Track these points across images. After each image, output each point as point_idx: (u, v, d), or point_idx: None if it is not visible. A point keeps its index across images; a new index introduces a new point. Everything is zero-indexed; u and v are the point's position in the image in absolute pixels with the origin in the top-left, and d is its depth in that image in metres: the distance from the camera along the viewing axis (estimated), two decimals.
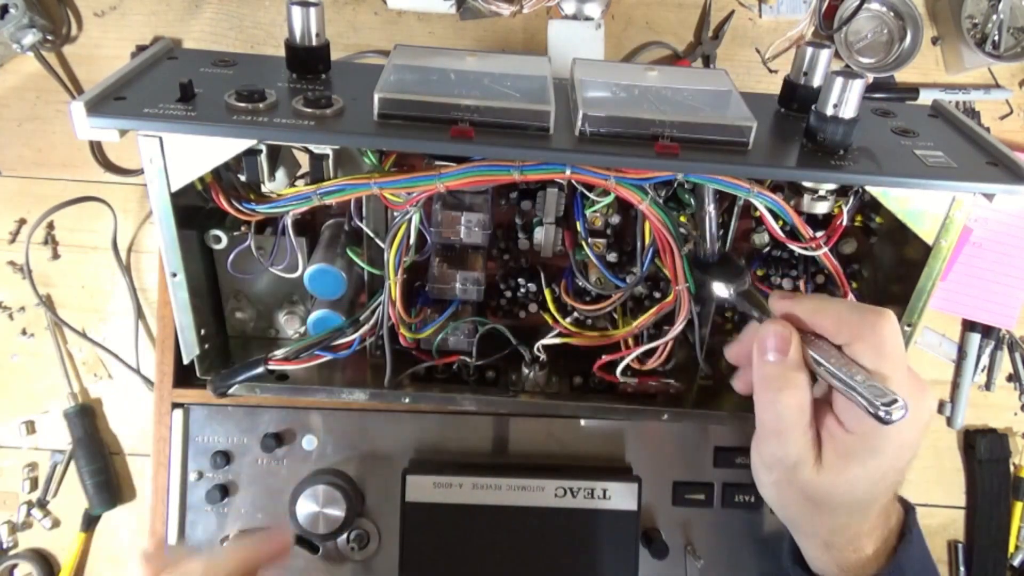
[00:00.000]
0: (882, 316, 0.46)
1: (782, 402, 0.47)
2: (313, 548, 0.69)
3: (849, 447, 0.46)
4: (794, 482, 0.48)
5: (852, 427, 0.46)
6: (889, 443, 0.46)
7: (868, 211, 0.62)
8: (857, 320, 0.46)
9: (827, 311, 0.47)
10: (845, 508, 0.49)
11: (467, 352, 0.66)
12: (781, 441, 0.47)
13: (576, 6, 0.79)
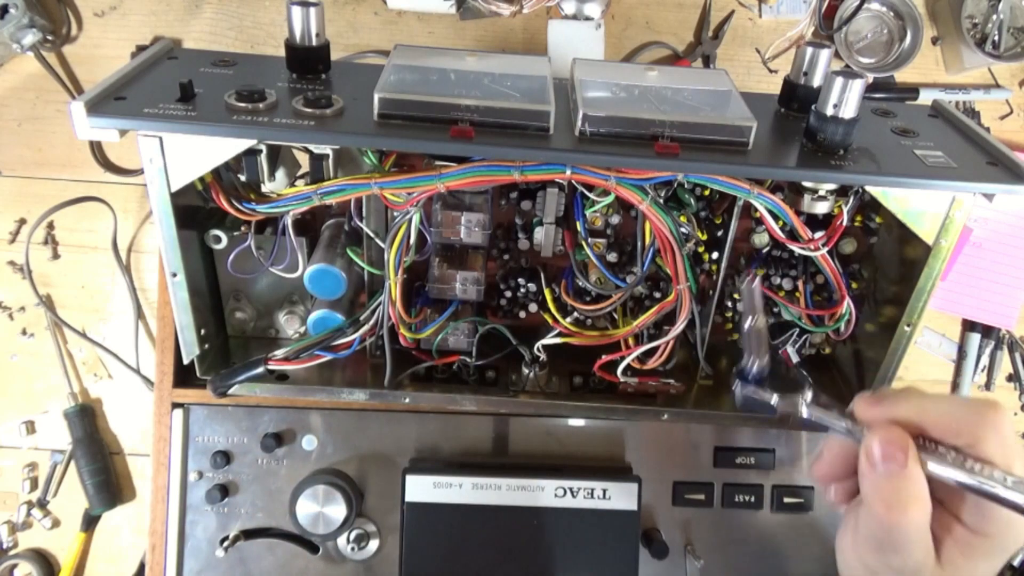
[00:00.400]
0: (998, 411, 0.42)
1: (907, 519, 0.42)
2: (313, 548, 0.69)
3: (977, 547, 0.43)
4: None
5: (982, 528, 0.43)
6: (1009, 545, 0.43)
7: (868, 211, 0.62)
8: (975, 419, 0.42)
9: (936, 411, 0.43)
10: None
11: (467, 352, 0.66)
12: (901, 555, 0.43)
13: (576, 6, 0.79)
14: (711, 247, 0.62)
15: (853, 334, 0.62)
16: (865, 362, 0.63)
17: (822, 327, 0.63)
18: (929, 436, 0.43)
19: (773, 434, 0.71)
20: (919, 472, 0.42)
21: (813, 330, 0.65)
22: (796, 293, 0.64)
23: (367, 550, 0.70)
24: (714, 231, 0.61)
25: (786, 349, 0.65)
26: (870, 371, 0.62)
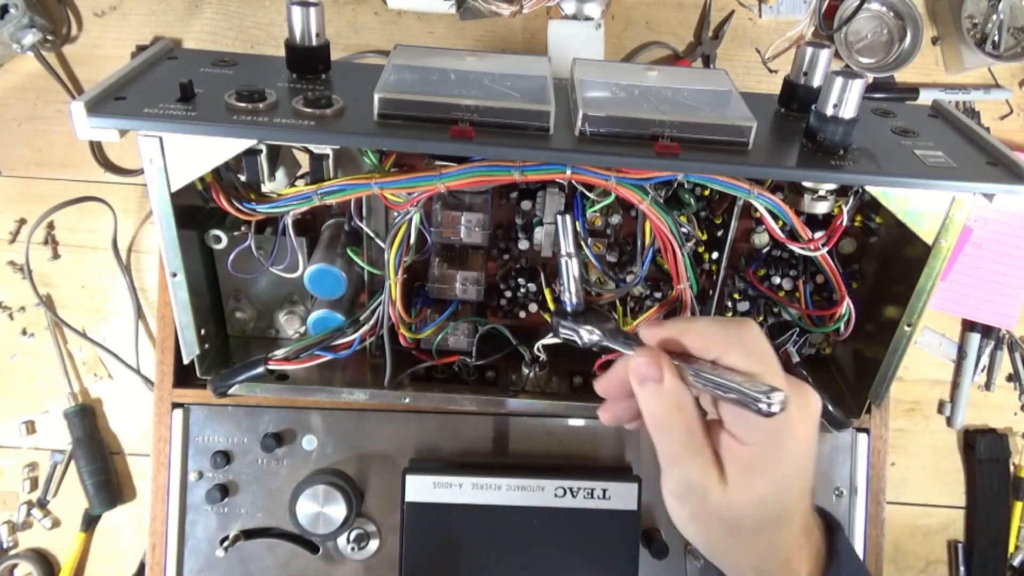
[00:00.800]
0: (743, 325, 0.46)
1: (671, 427, 0.46)
2: (313, 548, 0.70)
3: (749, 460, 0.45)
4: (708, 510, 0.47)
5: (747, 438, 0.45)
6: (786, 447, 0.45)
7: (868, 211, 0.62)
8: (721, 333, 0.46)
9: (691, 331, 0.47)
10: (764, 527, 0.48)
11: (467, 352, 0.66)
12: (682, 468, 0.46)
13: (576, 6, 0.79)
14: (711, 247, 0.62)
15: (853, 334, 0.62)
16: (865, 362, 0.63)
17: (822, 327, 0.63)
18: (690, 355, 0.46)
19: None
20: (676, 385, 0.45)
21: (813, 330, 0.65)
22: (796, 293, 0.64)
23: (367, 550, 0.70)
24: (714, 231, 0.61)
25: (786, 349, 0.65)
26: (870, 371, 0.62)
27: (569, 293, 0.53)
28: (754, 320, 0.47)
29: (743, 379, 0.43)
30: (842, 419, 0.63)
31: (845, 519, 0.72)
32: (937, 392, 0.89)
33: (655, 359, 0.46)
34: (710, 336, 0.46)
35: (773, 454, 0.45)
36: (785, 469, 0.46)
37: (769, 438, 0.45)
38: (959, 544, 0.90)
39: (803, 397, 0.47)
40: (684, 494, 0.47)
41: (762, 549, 0.48)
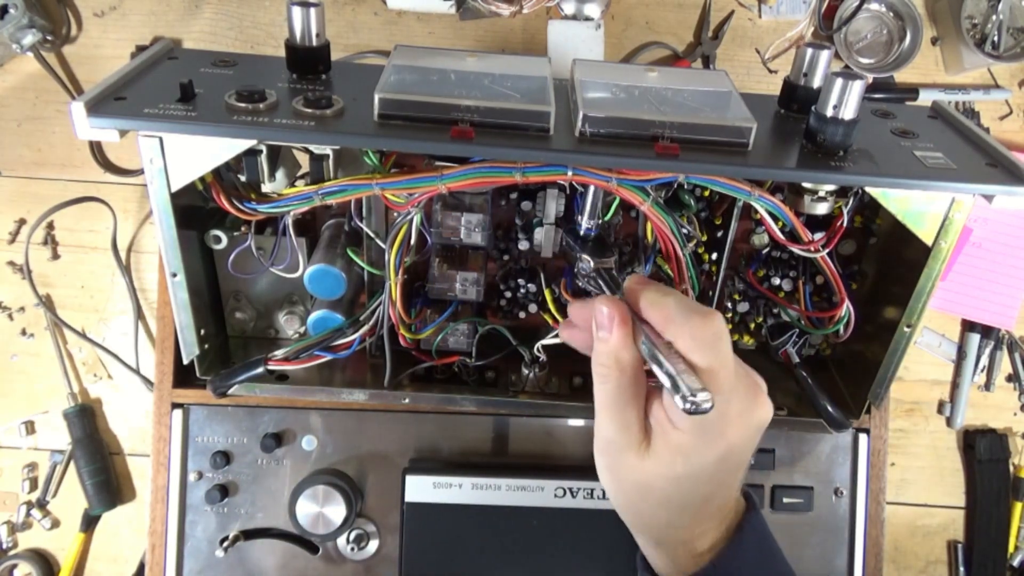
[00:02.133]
0: (707, 316, 0.46)
1: (605, 378, 0.47)
2: (313, 548, 0.70)
3: (675, 443, 0.46)
4: (621, 468, 0.48)
5: (678, 422, 0.46)
6: (712, 444, 0.46)
7: (868, 212, 0.62)
8: (681, 318, 0.46)
9: (658, 305, 0.47)
10: (669, 505, 0.49)
11: (467, 352, 0.66)
12: (604, 420, 0.48)
13: (576, 6, 0.79)
14: (711, 247, 0.62)
15: (853, 334, 0.62)
16: (865, 362, 0.63)
17: (822, 329, 0.63)
18: (653, 326, 0.47)
19: (772, 434, 0.71)
20: (622, 342, 0.46)
21: (813, 332, 0.65)
22: (796, 294, 0.64)
23: (367, 550, 0.70)
24: (714, 232, 0.61)
25: (786, 349, 0.65)
26: (870, 371, 0.62)
27: (582, 216, 0.56)
28: (722, 315, 0.47)
29: (683, 369, 0.43)
30: (842, 419, 0.64)
31: (845, 519, 0.72)
32: (937, 392, 0.89)
33: (613, 312, 0.47)
34: (670, 317, 0.46)
35: (698, 446, 0.46)
36: (706, 463, 0.46)
37: (697, 430, 0.46)
38: (959, 544, 0.90)
39: (750, 403, 0.47)
40: (604, 446, 0.49)
41: (663, 523, 0.50)
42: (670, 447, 0.46)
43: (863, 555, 0.72)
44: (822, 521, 0.72)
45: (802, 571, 0.72)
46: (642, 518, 0.51)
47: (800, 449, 0.71)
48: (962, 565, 0.89)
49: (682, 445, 0.46)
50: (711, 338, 0.45)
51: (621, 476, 0.49)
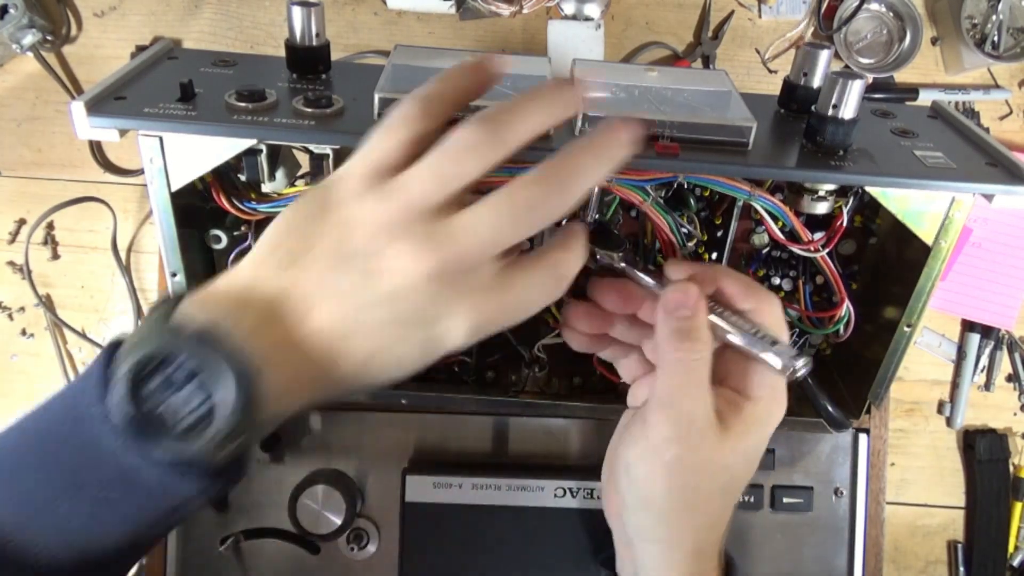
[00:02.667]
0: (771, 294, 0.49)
1: (698, 355, 0.46)
2: (313, 548, 0.69)
3: (752, 413, 0.47)
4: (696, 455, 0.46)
5: (754, 392, 0.47)
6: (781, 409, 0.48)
7: (868, 212, 0.62)
8: (759, 292, 0.48)
9: (729, 278, 0.48)
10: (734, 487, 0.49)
11: (467, 352, 0.66)
12: (694, 398, 0.46)
13: (576, 6, 0.79)
14: (711, 247, 0.62)
15: (853, 334, 0.62)
16: (865, 362, 0.63)
17: (821, 329, 0.63)
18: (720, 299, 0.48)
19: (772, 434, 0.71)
20: (706, 319, 0.47)
21: (813, 332, 0.65)
22: (796, 294, 0.64)
23: (367, 550, 0.70)
24: (714, 231, 0.61)
25: None
26: (870, 371, 0.62)
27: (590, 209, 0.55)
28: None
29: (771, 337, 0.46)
30: (842, 419, 0.64)
31: (845, 519, 0.72)
32: (937, 392, 0.89)
33: (693, 291, 0.47)
34: (749, 286, 0.47)
35: (772, 411, 0.48)
36: (769, 432, 0.48)
37: (773, 396, 0.47)
38: (959, 544, 0.90)
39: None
40: (678, 435, 0.46)
41: (713, 519, 0.50)
42: (746, 420, 0.47)
43: (863, 555, 0.72)
44: (822, 521, 0.72)
45: (802, 571, 0.72)
46: (695, 513, 0.49)
47: (800, 449, 0.71)
48: (962, 565, 0.89)
49: (759, 414, 0.47)
50: (780, 312, 0.48)
51: (697, 462, 0.47)
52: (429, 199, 0.39)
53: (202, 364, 0.37)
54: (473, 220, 0.39)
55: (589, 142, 0.42)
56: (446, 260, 0.39)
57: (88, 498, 0.39)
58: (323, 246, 0.40)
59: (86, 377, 0.40)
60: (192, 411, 0.37)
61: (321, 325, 0.39)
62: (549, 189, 0.40)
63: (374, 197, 0.39)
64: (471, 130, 0.40)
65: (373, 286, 0.39)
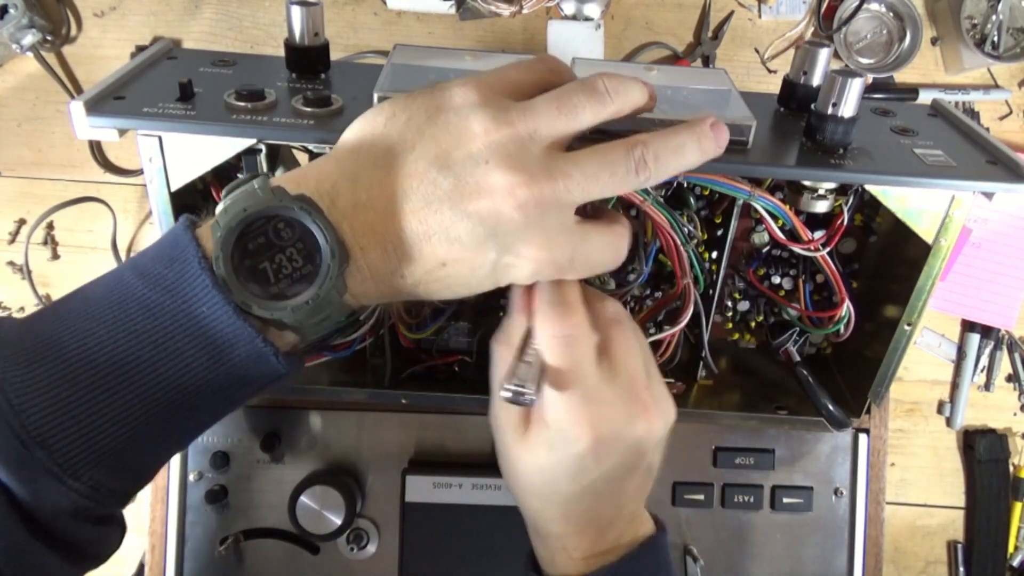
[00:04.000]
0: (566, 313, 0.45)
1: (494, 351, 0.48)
2: (313, 548, 0.69)
3: (541, 434, 0.46)
4: (502, 445, 0.49)
5: (545, 414, 0.46)
6: (572, 444, 0.45)
7: (868, 210, 0.62)
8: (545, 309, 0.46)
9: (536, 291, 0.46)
10: (536, 494, 0.49)
11: (467, 352, 0.66)
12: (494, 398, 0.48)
13: (576, 6, 0.79)
14: (711, 246, 0.62)
15: (853, 333, 0.62)
16: (865, 361, 0.63)
17: (822, 329, 0.63)
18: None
19: (772, 434, 0.71)
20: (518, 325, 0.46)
21: (813, 332, 0.65)
22: (796, 293, 0.64)
23: (367, 550, 0.70)
24: (714, 230, 0.61)
25: (787, 348, 0.65)
26: (870, 370, 0.62)
27: None
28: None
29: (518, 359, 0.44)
30: (842, 418, 0.63)
31: (845, 519, 0.72)
32: (937, 392, 0.89)
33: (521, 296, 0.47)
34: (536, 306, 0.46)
35: (557, 441, 0.45)
36: (566, 461, 0.45)
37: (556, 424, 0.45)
38: (959, 544, 0.90)
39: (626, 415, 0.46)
40: (492, 421, 0.49)
41: (535, 511, 0.50)
42: (539, 436, 0.46)
43: (863, 555, 0.72)
44: (822, 521, 0.72)
45: (802, 571, 0.72)
46: (521, 503, 0.51)
47: (800, 449, 0.71)
48: (962, 565, 0.89)
49: (547, 437, 0.45)
50: (564, 337, 0.45)
51: (502, 453, 0.49)
52: (548, 130, 0.41)
53: (307, 226, 0.39)
54: (576, 162, 0.41)
55: (692, 126, 0.44)
56: (542, 194, 0.40)
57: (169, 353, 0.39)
58: (429, 146, 0.40)
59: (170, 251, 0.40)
60: (296, 269, 0.39)
61: (406, 223, 0.40)
62: (647, 154, 0.42)
63: (495, 111, 0.40)
64: (595, 82, 0.42)
65: (467, 199, 0.40)
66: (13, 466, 0.37)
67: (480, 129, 0.40)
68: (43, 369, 0.38)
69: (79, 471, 0.39)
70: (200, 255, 0.39)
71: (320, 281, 0.39)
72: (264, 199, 0.39)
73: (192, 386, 0.40)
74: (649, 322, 0.63)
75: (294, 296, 0.39)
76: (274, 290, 0.39)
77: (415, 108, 0.42)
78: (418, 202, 0.40)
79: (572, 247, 0.43)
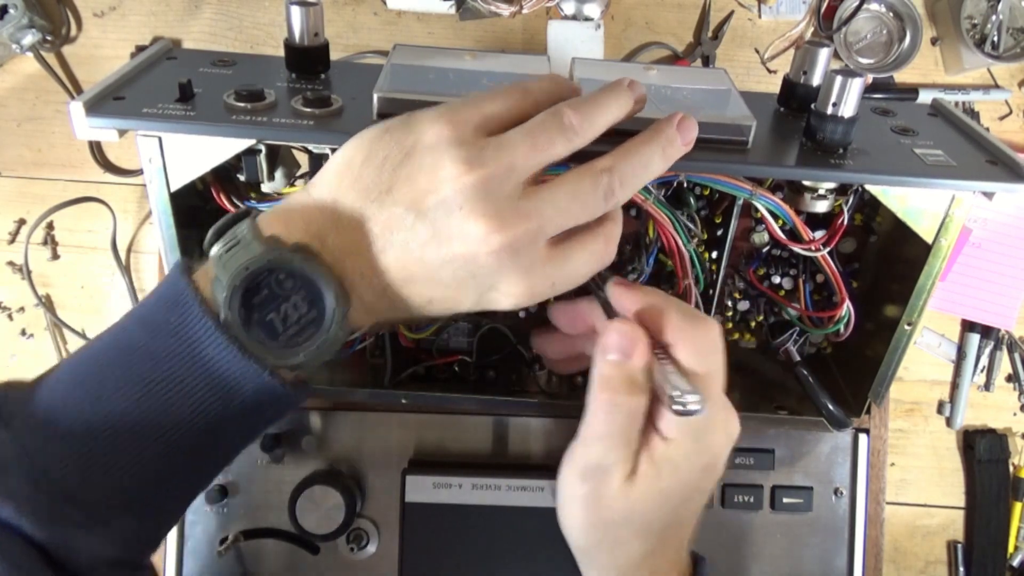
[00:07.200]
0: (708, 323, 0.46)
1: (617, 406, 0.45)
2: (313, 548, 0.69)
3: (663, 454, 0.45)
4: (604, 496, 0.46)
5: (668, 432, 0.45)
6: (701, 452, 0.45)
7: (868, 210, 0.62)
8: (685, 323, 0.46)
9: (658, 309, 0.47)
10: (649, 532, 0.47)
11: (467, 352, 0.66)
12: (607, 446, 0.46)
13: (576, 6, 0.79)
14: (711, 246, 0.62)
15: (853, 333, 0.62)
16: (865, 361, 0.63)
17: (821, 329, 0.63)
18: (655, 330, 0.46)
19: (772, 434, 0.71)
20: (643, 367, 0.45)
21: (813, 331, 0.65)
22: (796, 292, 0.64)
23: (367, 550, 0.70)
24: (714, 230, 0.61)
25: (787, 348, 0.65)
26: (870, 370, 0.62)
27: None
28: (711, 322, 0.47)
29: (673, 371, 0.44)
30: (842, 418, 0.63)
31: (845, 519, 0.72)
32: (937, 392, 0.89)
33: (634, 335, 0.45)
34: (673, 323, 0.46)
35: (687, 455, 0.45)
36: (692, 475, 0.46)
37: (688, 439, 0.45)
38: (959, 544, 0.90)
39: (729, 414, 0.48)
40: (589, 474, 0.47)
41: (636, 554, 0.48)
42: (659, 461, 0.45)
43: (863, 555, 0.72)
44: (822, 521, 0.72)
45: (802, 571, 0.72)
46: (612, 554, 0.49)
47: (800, 449, 0.71)
48: (962, 565, 0.89)
49: (671, 455, 0.45)
50: (710, 345, 0.46)
51: (603, 505, 0.47)
52: (522, 167, 0.41)
53: (309, 276, 0.40)
54: (547, 199, 0.42)
55: (656, 133, 0.45)
56: (516, 237, 0.41)
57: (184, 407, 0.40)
58: (404, 191, 0.41)
59: (169, 298, 0.41)
60: (302, 316, 0.41)
61: (391, 271, 0.42)
62: (613, 181, 0.43)
63: (467, 153, 0.41)
64: (565, 113, 0.42)
65: (444, 246, 0.41)
66: (45, 523, 0.38)
67: (453, 172, 0.40)
68: (62, 427, 0.39)
69: (108, 520, 0.39)
70: (199, 299, 0.40)
71: (328, 325, 0.41)
72: (263, 254, 0.40)
73: (206, 425, 0.40)
74: None
75: (305, 341, 0.41)
76: (283, 339, 0.41)
77: (391, 146, 0.42)
78: (399, 251, 0.41)
79: (551, 276, 0.43)
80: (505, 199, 0.41)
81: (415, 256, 0.41)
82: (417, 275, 0.42)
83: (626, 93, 0.45)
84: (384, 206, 0.41)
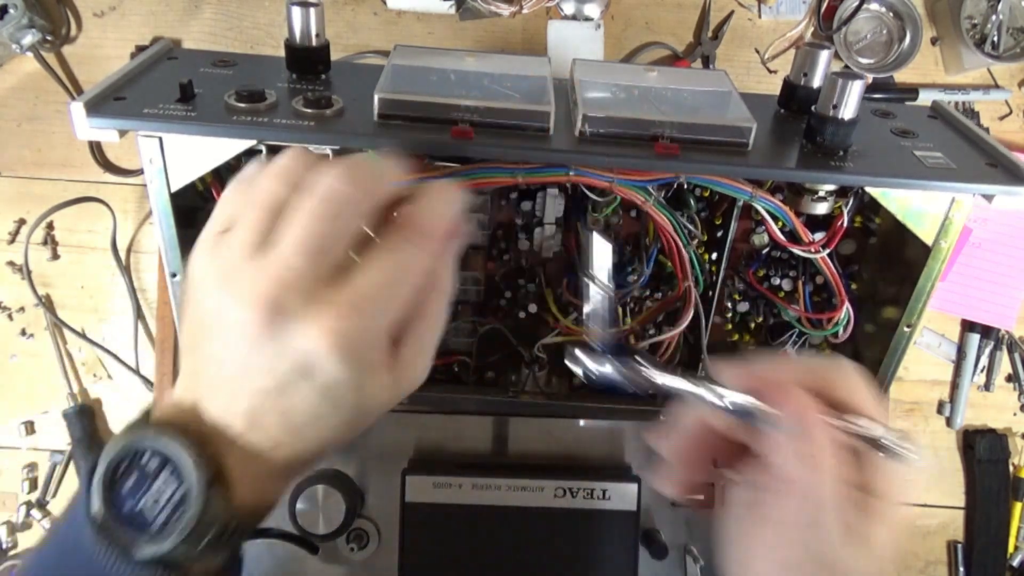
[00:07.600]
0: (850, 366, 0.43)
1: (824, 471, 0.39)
2: (313, 548, 0.69)
3: (871, 507, 0.40)
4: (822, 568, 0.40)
5: (878, 486, 0.40)
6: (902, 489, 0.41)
7: (868, 212, 0.62)
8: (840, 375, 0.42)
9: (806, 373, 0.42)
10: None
11: (467, 352, 0.66)
12: (824, 526, 0.40)
13: (576, 6, 0.79)
14: (711, 247, 0.62)
15: (853, 334, 0.62)
16: (865, 362, 0.63)
17: (821, 330, 0.63)
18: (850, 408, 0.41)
19: None
20: (825, 427, 0.40)
21: (812, 333, 0.65)
22: (795, 294, 0.64)
23: (367, 550, 0.70)
24: (714, 231, 0.61)
25: (786, 349, 0.65)
26: (870, 371, 0.62)
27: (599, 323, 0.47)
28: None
29: (879, 426, 0.40)
30: None
31: None
32: (937, 392, 0.89)
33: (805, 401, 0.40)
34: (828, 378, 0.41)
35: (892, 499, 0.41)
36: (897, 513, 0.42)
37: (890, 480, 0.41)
38: (958, 544, 0.90)
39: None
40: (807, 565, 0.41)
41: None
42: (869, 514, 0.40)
43: None
44: None
45: None
46: None
47: None
48: (962, 565, 0.89)
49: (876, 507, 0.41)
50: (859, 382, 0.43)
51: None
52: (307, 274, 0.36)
53: (162, 449, 0.37)
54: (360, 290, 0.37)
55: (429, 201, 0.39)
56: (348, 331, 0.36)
57: None
58: (214, 351, 0.38)
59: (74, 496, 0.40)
60: (169, 499, 0.37)
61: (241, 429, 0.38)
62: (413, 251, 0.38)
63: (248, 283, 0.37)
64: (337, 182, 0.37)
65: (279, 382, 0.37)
66: None
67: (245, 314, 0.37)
68: None
69: None
70: (87, 511, 0.38)
71: (193, 498, 0.37)
72: (121, 437, 0.38)
73: None
74: (649, 324, 0.63)
75: (177, 524, 0.37)
76: (156, 525, 0.37)
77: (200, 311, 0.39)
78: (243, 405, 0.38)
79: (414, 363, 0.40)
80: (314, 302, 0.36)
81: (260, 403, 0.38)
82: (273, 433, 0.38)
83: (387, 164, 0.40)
84: (209, 379, 0.39)
